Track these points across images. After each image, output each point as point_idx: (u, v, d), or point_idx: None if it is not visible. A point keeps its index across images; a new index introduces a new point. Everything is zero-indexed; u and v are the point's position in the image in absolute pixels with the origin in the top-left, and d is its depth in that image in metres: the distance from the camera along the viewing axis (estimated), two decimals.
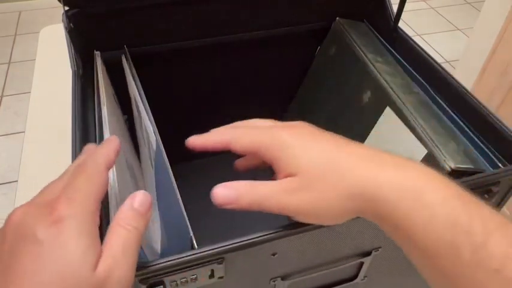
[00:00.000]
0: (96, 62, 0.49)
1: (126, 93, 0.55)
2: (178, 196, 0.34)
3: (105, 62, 0.53)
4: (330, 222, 0.29)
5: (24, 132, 0.76)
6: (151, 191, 0.47)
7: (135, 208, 0.27)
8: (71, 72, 0.44)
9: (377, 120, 0.47)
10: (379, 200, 0.26)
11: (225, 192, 0.29)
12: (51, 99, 0.82)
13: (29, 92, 0.84)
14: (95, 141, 0.40)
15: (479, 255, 0.23)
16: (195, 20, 0.54)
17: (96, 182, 0.27)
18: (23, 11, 2.50)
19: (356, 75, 0.52)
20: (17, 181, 0.68)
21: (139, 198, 0.27)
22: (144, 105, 0.43)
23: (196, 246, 0.30)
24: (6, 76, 2.04)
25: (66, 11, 0.46)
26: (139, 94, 0.44)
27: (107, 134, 0.38)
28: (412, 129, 0.43)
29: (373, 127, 0.47)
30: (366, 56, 0.51)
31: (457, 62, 1.63)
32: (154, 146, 0.40)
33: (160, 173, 0.39)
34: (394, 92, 0.46)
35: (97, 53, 0.50)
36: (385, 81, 0.47)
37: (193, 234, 0.31)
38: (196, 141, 0.33)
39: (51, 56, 0.94)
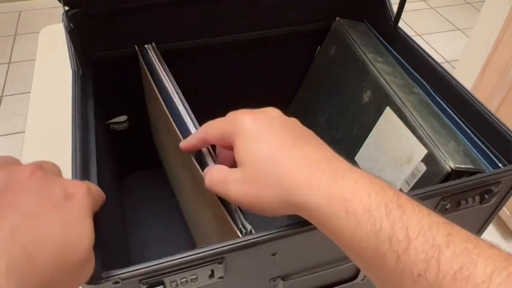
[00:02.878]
0: (151, 54, 0.50)
1: (127, 92, 0.55)
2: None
3: (105, 62, 0.53)
4: (269, 215, 0.30)
5: (24, 132, 0.77)
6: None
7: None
8: (71, 72, 0.44)
9: (377, 120, 0.47)
10: (309, 208, 0.27)
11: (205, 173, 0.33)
12: (51, 99, 0.82)
13: (29, 92, 0.84)
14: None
15: (402, 261, 0.24)
16: (195, 20, 0.54)
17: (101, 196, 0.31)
18: (23, 11, 2.50)
19: (356, 75, 0.52)
20: None
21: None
22: (181, 99, 0.43)
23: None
24: (6, 76, 2.04)
25: (66, 11, 0.46)
26: (175, 89, 0.44)
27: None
28: (412, 129, 0.43)
29: (373, 127, 0.47)
30: (366, 55, 0.51)
31: (457, 62, 1.63)
32: None
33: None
34: (394, 92, 0.46)
35: (148, 46, 0.51)
36: (385, 81, 0.47)
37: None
38: (183, 145, 0.36)
39: (51, 56, 0.94)
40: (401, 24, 0.53)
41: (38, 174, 0.26)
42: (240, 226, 0.32)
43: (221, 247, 0.30)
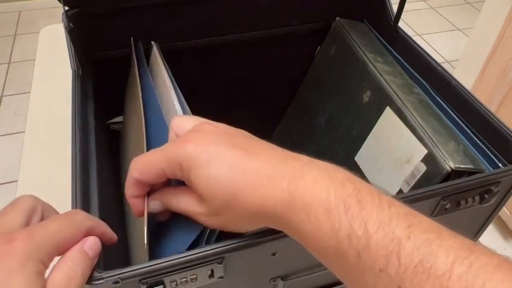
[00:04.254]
0: (154, 52, 0.50)
1: (125, 92, 0.55)
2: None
3: (105, 62, 0.53)
4: (247, 231, 0.30)
5: (24, 132, 0.77)
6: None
7: (84, 250, 0.28)
8: (71, 72, 0.44)
9: (377, 120, 0.47)
10: (275, 217, 0.27)
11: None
12: (51, 99, 0.82)
13: (29, 92, 0.84)
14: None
15: (363, 258, 0.23)
16: (195, 21, 0.54)
17: (65, 235, 0.27)
18: (23, 11, 2.50)
19: (356, 75, 0.52)
20: (17, 181, 0.68)
21: (90, 242, 0.28)
22: (179, 98, 0.43)
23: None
24: (6, 76, 2.04)
25: (66, 11, 0.46)
26: (174, 87, 0.44)
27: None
28: (412, 129, 0.43)
29: (373, 127, 0.47)
30: (366, 56, 0.51)
31: (457, 62, 1.63)
32: None
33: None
34: (394, 92, 0.46)
35: (153, 43, 0.51)
36: (385, 81, 0.47)
37: None
38: (127, 197, 0.32)
39: (51, 56, 0.94)
40: (401, 24, 0.53)
41: None
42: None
43: (221, 247, 0.30)
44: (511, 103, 1.30)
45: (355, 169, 0.49)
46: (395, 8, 0.54)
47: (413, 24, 2.41)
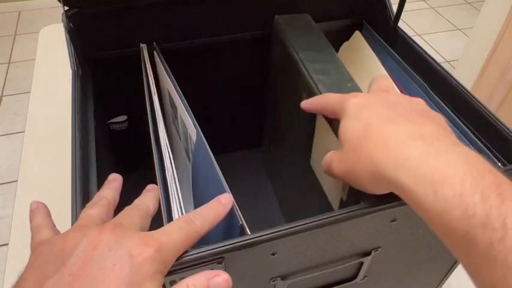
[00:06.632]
0: (143, 55, 0.50)
1: (127, 92, 0.56)
2: (227, 187, 0.34)
3: (105, 62, 0.53)
4: (369, 191, 0.32)
5: (24, 132, 0.77)
6: (186, 185, 0.47)
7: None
8: (71, 72, 0.45)
9: (315, 125, 0.45)
10: (395, 185, 0.28)
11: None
12: (51, 99, 0.82)
13: (29, 92, 0.84)
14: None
15: (496, 249, 0.23)
16: (195, 20, 0.54)
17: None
18: (23, 11, 2.50)
19: (294, 77, 0.49)
20: (17, 181, 0.68)
21: (217, 281, 0.29)
22: (180, 98, 0.43)
23: (249, 232, 0.31)
24: (6, 76, 2.04)
25: (66, 11, 0.46)
26: (175, 88, 0.44)
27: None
28: None
29: (313, 134, 0.45)
30: (298, 55, 0.48)
31: (457, 62, 1.63)
32: (194, 139, 0.40)
33: (202, 166, 0.40)
34: (320, 92, 0.43)
35: (143, 46, 0.51)
36: (313, 80, 0.44)
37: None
38: (305, 104, 0.41)
39: (51, 56, 0.94)
40: (401, 24, 0.53)
41: (104, 243, 0.27)
42: None
43: (220, 247, 0.30)
44: (511, 103, 1.30)
45: (313, 174, 0.48)
46: (395, 8, 0.54)
47: (413, 24, 2.41)
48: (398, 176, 0.27)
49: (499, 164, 0.40)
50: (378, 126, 0.31)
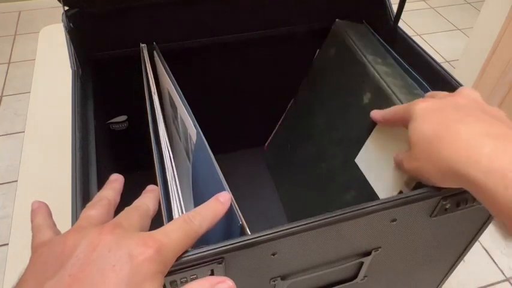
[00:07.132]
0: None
1: (127, 92, 0.55)
2: (227, 187, 0.34)
3: (105, 62, 0.53)
4: (440, 185, 0.34)
5: (24, 132, 0.77)
6: (186, 185, 0.47)
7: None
8: (71, 72, 0.45)
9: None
10: (469, 181, 0.30)
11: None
12: (51, 99, 0.82)
13: (29, 92, 0.84)
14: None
15: None
16: (195, 20, 0.54)
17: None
18: (23, 11, 2.50)
19: (356, 77, 0.52)
20: (17, 181, 0.68)
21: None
22: (181, 98, 0.43)
23: (249, 232, 0.31)
24: (6, 76, 2.04)
25: (66, 11, 0.46)
26: (175, 88, 0.44)
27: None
28: None
29: (373, 129, 0.47)
30: (365, 57, 0.51)
31: (457, 62, 1.63)
32: (194, 139, 0.40)
33: (202, 166, 0.40)
34: (394, 93, 0.46)
35: (143, 46, 0.52)
36: (385, 82, 0.47)
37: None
38: (375, 114, 0.44)
39: (51, 56, 0.94)
40: (401, 24, 0.53)
41: (103, 244, 0.27)
42: None
43: (221, 247, 0.30)
44: (511, 103, 1.30)
45: (355, 171, 0.49)
46: (395, 8, 0.54)
47: (413, 24, 2.41)
48: (470, 172, 0.30)
49: None
50: (448, 128, 0.33)
